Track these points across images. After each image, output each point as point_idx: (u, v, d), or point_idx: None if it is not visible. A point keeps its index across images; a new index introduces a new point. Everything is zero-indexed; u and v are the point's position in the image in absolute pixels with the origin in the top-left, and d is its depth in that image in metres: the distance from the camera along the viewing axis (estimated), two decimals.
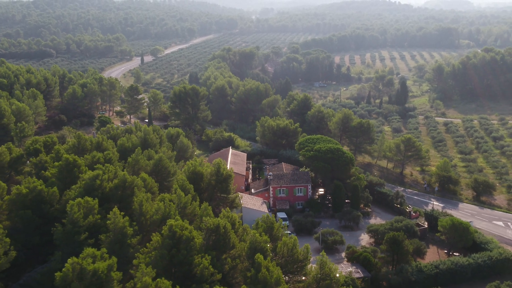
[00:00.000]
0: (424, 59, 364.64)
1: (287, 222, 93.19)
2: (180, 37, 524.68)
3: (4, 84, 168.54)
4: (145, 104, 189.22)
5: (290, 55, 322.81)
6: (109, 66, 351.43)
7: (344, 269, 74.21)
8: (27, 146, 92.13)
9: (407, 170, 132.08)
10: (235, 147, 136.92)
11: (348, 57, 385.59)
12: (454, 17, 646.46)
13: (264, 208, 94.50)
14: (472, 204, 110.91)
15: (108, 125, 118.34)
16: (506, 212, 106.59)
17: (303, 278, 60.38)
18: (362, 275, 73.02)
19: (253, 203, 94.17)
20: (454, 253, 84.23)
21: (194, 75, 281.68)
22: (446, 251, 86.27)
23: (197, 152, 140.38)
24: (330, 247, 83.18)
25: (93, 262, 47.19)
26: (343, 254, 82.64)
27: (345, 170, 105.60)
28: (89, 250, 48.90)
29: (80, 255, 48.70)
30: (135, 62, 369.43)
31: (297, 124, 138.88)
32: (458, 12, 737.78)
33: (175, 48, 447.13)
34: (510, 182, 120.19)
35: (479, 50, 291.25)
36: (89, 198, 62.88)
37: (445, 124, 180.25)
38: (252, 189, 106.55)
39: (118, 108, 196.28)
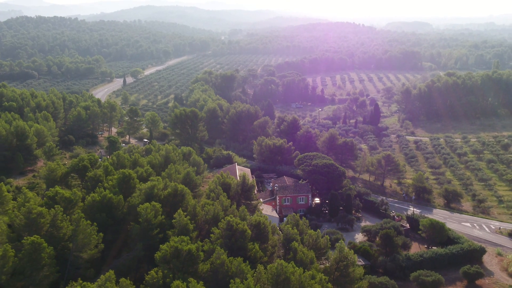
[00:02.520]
0: (391, 81, 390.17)
1: None
2: (155, 59, 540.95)
3: (13, 107, 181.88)
4: (143, 125, 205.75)
5: (268, 78, 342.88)
6: (93, 88, 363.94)
7: None
8: (74, 163, 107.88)
9: (387, 182, 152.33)
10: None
11: (320, 78, 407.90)
12: (416, 39, 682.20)
13: (275, 214, 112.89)
14: (444, 210, 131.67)
15: (129, 145, 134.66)
16: (472, 216, 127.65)
17: (326, 262, 78.66)
18: (363, 263, 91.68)
19: (265, 210, 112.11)
20: (433, 247, 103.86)
21: (179, 96, 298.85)
22: (426, 246, 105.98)
23: None
24: (333, 243, 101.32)
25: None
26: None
27: (338, 182, 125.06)
28: (177, 238, 66.15)
29: (171, 240, 65.99)
30: (116, 84, 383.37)
31: (291, 143, 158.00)
32: (419, 35, 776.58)
33: (153, 70, 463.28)
34: (474, 192, 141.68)
35: (441, 74, 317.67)
36: (154, 203, 80.00)
37: (415, 142, 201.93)
38: (260, 199, 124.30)
39: (115, 129, 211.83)
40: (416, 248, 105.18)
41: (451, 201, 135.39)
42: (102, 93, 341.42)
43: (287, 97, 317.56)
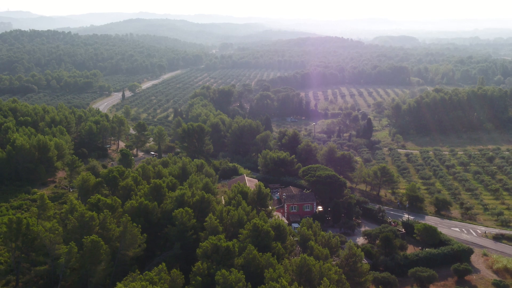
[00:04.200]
0: (380, 95, 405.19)
1: None
2: (150, 73, 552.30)
3: (28, 121, 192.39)
4: (151, 138, 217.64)
5: (263, 93, 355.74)
6: (92, 101, 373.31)
7: None
8: (105, 174, 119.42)
9: (382, 192, 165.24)
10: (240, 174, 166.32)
11: (312, 93, 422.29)
12: (403, 54, 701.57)
13: (284, 219, 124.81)
14: (435, 216, 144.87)
15: (147, 158, 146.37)
16: (460, 222, 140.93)
17: (337, 259, 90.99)
18: (366, 262, 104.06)
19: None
20: (426, 249, 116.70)
21: (178, 110, 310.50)
22: (420, 247, 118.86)
23: None
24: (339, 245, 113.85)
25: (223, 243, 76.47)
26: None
27: (340, 191, 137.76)
28: (215, 237, 78.14)
29: (209, 238, 77.98)
30: (115, 97, 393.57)
31: (293, 156, 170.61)
32: (407, 50, 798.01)
33: (149, 84, 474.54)
34: (462, 200, 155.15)
35: (429, 89, 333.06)
36: (187, 208, 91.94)
37: (406, 155, 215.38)
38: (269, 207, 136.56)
39: (122, 143, 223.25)
40: (411, 250, 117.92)
41: (441, 209, 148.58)
42: (102, 107, 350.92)
43: (282, 112, 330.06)
